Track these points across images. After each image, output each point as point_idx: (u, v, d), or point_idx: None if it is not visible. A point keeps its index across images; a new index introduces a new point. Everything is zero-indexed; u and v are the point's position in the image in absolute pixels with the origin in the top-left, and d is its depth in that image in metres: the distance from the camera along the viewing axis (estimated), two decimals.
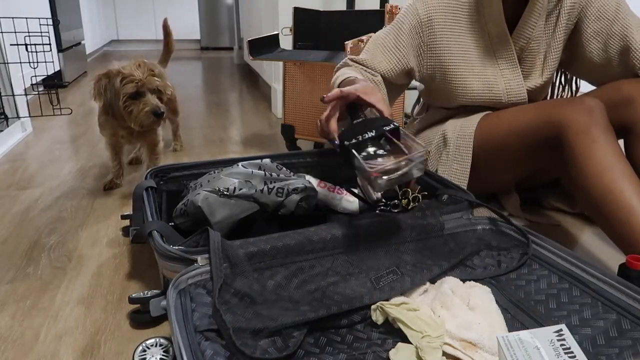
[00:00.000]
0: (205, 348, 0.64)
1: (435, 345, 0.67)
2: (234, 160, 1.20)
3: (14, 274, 1.05)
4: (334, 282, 0.81)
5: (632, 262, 0.80)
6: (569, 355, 0.57)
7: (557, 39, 1.18)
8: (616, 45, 1.13)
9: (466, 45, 1.18)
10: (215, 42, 6.02)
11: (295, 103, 1.82)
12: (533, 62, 1.19)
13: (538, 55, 1.18)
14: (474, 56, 1.18)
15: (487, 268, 0.89)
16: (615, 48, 1.13)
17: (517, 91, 1.19)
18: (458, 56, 1.18)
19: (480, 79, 1.19)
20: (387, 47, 1.19)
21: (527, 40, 1.15)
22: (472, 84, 1.19)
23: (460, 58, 1.18)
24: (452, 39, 1.18)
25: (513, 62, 1.17)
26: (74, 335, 0.85)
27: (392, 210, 1.18)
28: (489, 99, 1.20)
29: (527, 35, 1.15)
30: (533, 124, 1.05)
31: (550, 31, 1.17)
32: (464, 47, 1.18)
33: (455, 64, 1.19)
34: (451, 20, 1.17)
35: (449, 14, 1.17)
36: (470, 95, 1.20)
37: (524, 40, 1.16)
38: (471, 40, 1.18)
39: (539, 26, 1.15)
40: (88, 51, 4.34)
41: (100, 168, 1.73)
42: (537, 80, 1.20)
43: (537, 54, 1.18)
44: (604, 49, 1.15)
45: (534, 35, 1.15)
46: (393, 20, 1.23)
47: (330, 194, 1.24)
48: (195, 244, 0.83)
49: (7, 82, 2.05)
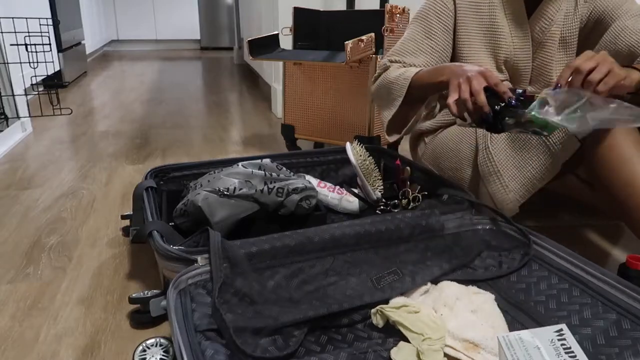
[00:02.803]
0: (206, 348, 0.64)
1: (436, 348, 0.67)
2: (234, 160, 1.20)
3: (14, 274, 1.05)
4: (334, 282, 0.81)
5: (631, 262, 0.80)
6: (570, 354, 0.57)
7: (574, 27, 1.15)
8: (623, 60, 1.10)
9: (484, 23, 1.16)
10: (215, 42, 6.02)
11: (295, 103, 1.82)
12: (553, 46, 1.16)
13: (558, 40, 1.16)
14: (490, 34, 1.17)
15: (488, 269, 0.89)
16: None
17: (524, 66, 1.17)
18: (475, 36, 1.17)
19: (491, 56, 1.17)
20: (420, 41, 1.18)
21: (549, 22, 1.13)
22: (484, 60, 1.17)
23: (476, 38, 1.17)
24: (471, 15, 1.17)
25: (526, 40, 1.15)
26: (74, 335, 0.85)
27: (392, 210, 1.18)
28: (501, 77, 1.17)
29: (549, 17, 1.12)
30: None
31: (570, 17, 1.15)
32: (482, 26, 1.17)
33: (470, 43, 1.17)
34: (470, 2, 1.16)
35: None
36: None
37: (546, 22, 1.13)
38: (489, 18, 1.16)
39: (562, 10, 1.13)
40: (88, 51, 4.34)
41: (100, 168, 1.73)
42: (559, 66, 1.17)
43: (556, 39, 1.15)
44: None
45: (557, 18, 1.13)
46: (415, 15, 1.22)
47: (330, 194, 1.24)
48: (195, 244, 0.83)
49: (7, 82, 2.05)
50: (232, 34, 5.92)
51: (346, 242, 0.87)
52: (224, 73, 4.17)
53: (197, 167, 1.22)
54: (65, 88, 3.29)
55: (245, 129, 2.30)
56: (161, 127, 2.32)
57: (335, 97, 1.72)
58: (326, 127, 1.76)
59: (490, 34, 1.16)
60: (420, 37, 1.18)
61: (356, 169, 1.19)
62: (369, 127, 1.67)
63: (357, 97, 1.67)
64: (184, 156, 1.88)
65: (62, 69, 3.24)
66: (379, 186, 1.22)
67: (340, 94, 1.71)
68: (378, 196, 1.21)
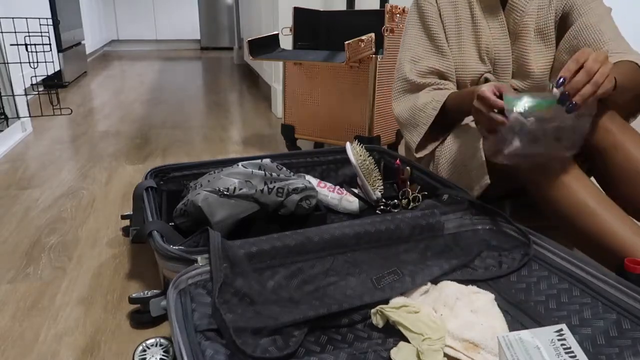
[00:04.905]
0: (206, 348, 0.64)
1: (436, 348, 0.67)
2: (234, 160, 1.20)
3: (14, 274, 1.05)
4: (334, 282, 0.81)
5: (630, 265, 0.80)
6: (570, 354, 0.57)
7: (549, 19, 1.17)
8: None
9: (463, 17, 1.20)
10: (215, 42, 6.02)
11: (295, 103, 1.82)
12: (528, 36, 1.18)
13: (533, 31, 1.18)
14: (471, 27, 1.19)
15: (488, 269, 0.89)
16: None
17: (504, 56, 1.19)
18: (459, 30, 1.20)
19: (475, 48, 1.20)
20: (426, 45, 1.21)
21: (521, 14, 1.15)
22: (469, 52, 1.20)
23: (460, 32, 1.20)
24: (451, 12, 1.20)
25: (504, 31, 1.18)
26: (74, 335, 0.85)
27: (392, 210, 1.18)
28: (484, 69, 1.20)
29: (520, 8, 1.15)
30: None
31: (545, 8, 1.17)
32: (462, 20, 1.20)
33: (455, 36, 1.20)
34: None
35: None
36: (470, 68, 1.20)
37: (518, 13, 1.16)
38: (467, 12, 1.19)
39: (534, 1, 1.15)
40: (88, 51, 4.34)
41: (100, 168, 1.73)
42: (538, 58, 1.19)
43: (531, 29, 1.17)
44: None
45: (528, 9, 1.15)
46: (409, 21, 1.24)
47: (330, 194, 1.24)
48: (195, 244, 0.83)
49: (7, 82, 2.05)
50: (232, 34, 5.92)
51: (346, 242, 0.87)
52: (224, 73, 4.17)
53: (197, 167, 1.22)
54: (65, 88, 3.29)
55: (245, 129, 2.30)
56: (161, 127, 2.32)
57: (335, 97, 1.72)
58: (326, 127, 1.76)
59: (470, 27, 1.19)
60: (424, 41, 1.21)
61: (356, 169, 1.19)
62: (369, 127, 1.67)
63: (357, 97, 1.67)
64: (184, 156, 1.88)
65: (62, 69, 3.24)
66: (379, 186, 1.22)
67: (340, 94, 1.71)
68: (378, 196, 1.21)
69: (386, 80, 1.68)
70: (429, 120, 1.14)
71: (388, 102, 1.71)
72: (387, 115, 1.73)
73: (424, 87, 1.20)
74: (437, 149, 1.23)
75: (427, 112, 1.15)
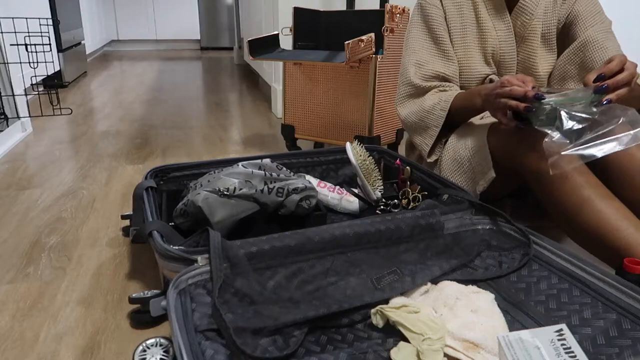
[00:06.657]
0: (206, 348, 0.64)
1: (436, 348, 0.67)
2: (234, 160, 1.20)
3: (14, 274, 1.05)
4: (334, 282, 0.81)
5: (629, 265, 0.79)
6: (570, 354, 0.57)
7: (552, 25, 1.18)
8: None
9: (469, 19, 1.19)
10: (215, 42, 6.02)
11: (295, 103, 1.82)
12: (535, 39, 1.18)
13: (540, 34, 1.18)
14: (476, 29, 1.19)
15: (488, 269, 0.89)
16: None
17: (509, 58, 1.19)
18: (464, 32, 1.19)
19: (480, 50, 1.19)
20: (431, 48, 1.21)
21: (530, 17, 1.15)
22: (474, 55, 1.20)
23: (465, 34, 1.19)
24: (456, 14, 1.20)
25: (509, 33, 1.18)
26: (74, 335, 0.85)
27: (392, 210, 1.18)
28: (489, 71, 1.20)
29: (530, 11, 1.15)
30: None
31: (549, 14, 1.17)
32: (468, 22, 1.19)
33: (461, 39, 1.20)
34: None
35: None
36: (475, 70, 1.20)
37: (526, 16, 1.16)
38: (473, 14, 1.19)
39: (541, 5, 1.15)
40: (88, 51, 4.34)
41: (100, 168, 1.73)
42: (542, 60, 1.20)
43: (538, 32, 1.18)
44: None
45: (537, 12, 1.15)
46: (412, 23, 1.24)
47: (330, 194, 1.24)
48: (195, 244, 0.83)
49: (7, 82, 2.05)
50: (232, 34, 5.92)
51: (346, 242, 0.87)
52: (224, 73, 4.17)
53: (197, 167, 1.22)
54: (65, 88, 3.29)
55: (245, 129, 2.30)
56: (161, 127, 2.32)
57: (335, 97, 1.72)
58: (326, 127, 1.76)
59: (476, 29, 1.19)
60: (429, 45, 1.21)
61: (356, 169, 1.19)
62: (369, 127, 1.67)
63: (357, 97, 1.67)
64: (184, 156, 1.88)
65: (62, 69, 3.24)
66: (379, 186, 1.22)
67: (340, 94, 1.71)
68: (378, 196, 1.21)
69: (386, 80, 1.68)
70: (439, 121, 1.14)
71: (388, 102, 1.71)
72: (387, 115, 1.73)
73: (429, 91, 1.20)
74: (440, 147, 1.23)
75: (436, 114, 1.14)
